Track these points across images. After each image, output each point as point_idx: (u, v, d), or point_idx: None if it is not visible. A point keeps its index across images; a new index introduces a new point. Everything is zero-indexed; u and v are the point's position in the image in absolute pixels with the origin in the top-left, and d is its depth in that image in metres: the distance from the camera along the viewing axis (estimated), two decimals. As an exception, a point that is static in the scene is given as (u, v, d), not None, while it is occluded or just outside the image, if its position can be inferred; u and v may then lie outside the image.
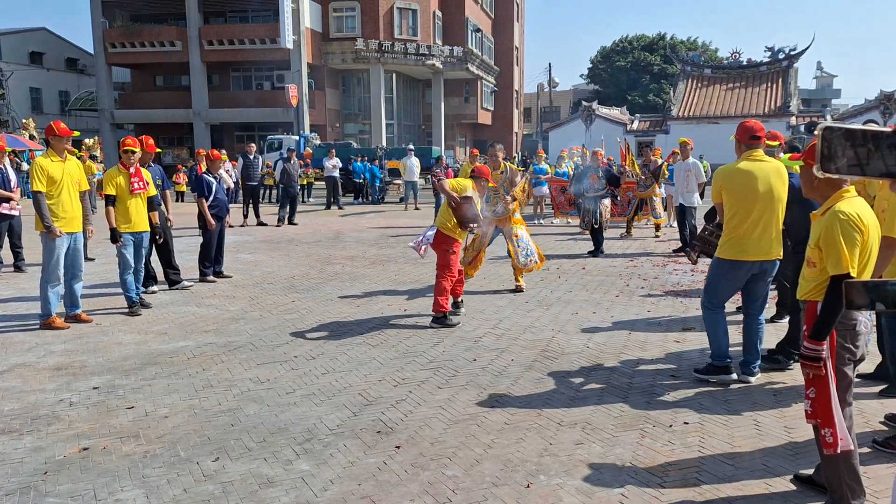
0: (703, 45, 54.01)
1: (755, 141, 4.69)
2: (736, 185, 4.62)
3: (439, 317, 6.55)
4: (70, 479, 3.49)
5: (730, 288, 4.86)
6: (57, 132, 6.53)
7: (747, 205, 4.58)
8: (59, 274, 6.49)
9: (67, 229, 6.53)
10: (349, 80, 42.98)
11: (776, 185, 4.62)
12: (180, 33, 38.89)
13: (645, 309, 7.23)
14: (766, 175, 4.60)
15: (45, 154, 6.61)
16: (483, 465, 3.62)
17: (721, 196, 4.70)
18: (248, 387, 4.86)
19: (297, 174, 16.34)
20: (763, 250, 4.63)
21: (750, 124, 4.75)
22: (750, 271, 4.70)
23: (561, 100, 63.84)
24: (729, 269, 4.73)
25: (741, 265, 4.67)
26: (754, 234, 4.60)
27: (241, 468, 3.59)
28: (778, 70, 35.65)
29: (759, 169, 4.61)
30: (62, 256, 6.51)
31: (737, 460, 3.66)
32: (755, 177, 4.58)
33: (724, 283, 4.81)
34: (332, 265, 10.23)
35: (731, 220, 4.65)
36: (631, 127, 35.89)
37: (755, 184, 4.57)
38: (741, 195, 4.60)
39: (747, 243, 4.61)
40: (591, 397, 4.62)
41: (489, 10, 52.31)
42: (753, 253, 4.62)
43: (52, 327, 6.42)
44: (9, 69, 41.39)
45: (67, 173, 6.56)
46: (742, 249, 4.63)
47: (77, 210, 6.68)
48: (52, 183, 6.43)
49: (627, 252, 11.41)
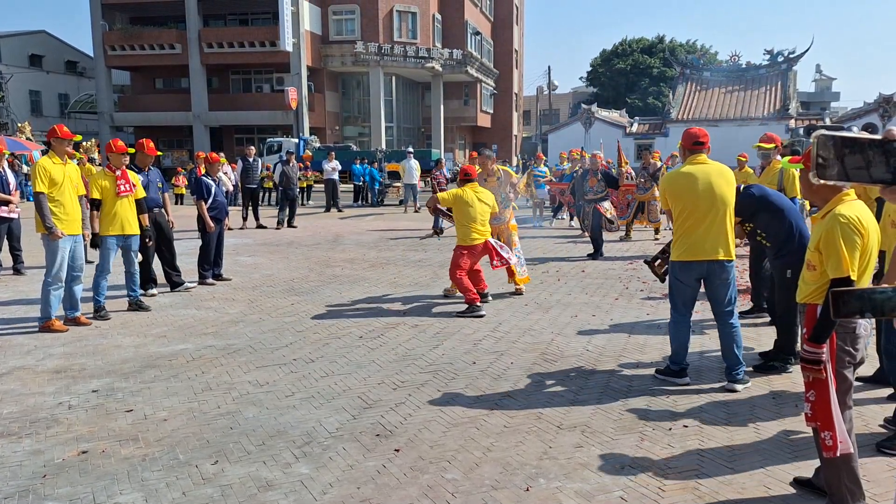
0: (702, 48, 54.07)
1: (698, 147, 4.83)
2: (679, 187, 4.76)
3: (468, 308, 7.07)
4: (69, 482, 3.48)
5: (684, 290, 4.87)
6: (59, 134, 6.55)
7: (689, 205, 4.70)
8: (61, 276, 6.50)
9: (69, 231, 6.54)
10: (349, 82, 43.01)
11: (718, 185, 4.70)
12: (180, 36, 38.92)
13: (644, 312, 7.23)
14: (707, 176, 4.71)
15: (48, 156, 6.62)
16: (482, 468, 3.61)
17: (668, 202, 4.85)
18: (247, 390, 4.86)
19: (296, 177, 16.36)
20: (708, 250, 4.70)
21: (693, 131, 4.92)
22: (699, 272, 4.77)
23: (560, 102, 63.95)
24: (679, 270, 4.84)
25: (689, 266, 4.77)
26: (698, 232, 4.69)
27: (240, 471, 3.59)
28: (777, 73, 35.69)
29: (700, 171, 4.73)
30: (66, 259, 6.52)
31: (736, 463, 3.66)
32: (696, 178, 4.70)
33: (677, 285, 4.89)
34: (332, 268, 10.23)
35: (677, 222, 4.81)
36: (630, 130, 35.92)
37: (696, 185, 4.69)
38: (683, 197, 4.73)
39: (693, 244, 4.71)
40: (590, 400, 4.62)
41: (489, 13, 52.37)
42: (700, 252, 4.70)
43: (52, 330, 6.41)
44: (8, 72, 41.46)
45: (68, 176, 6.58)
46: (688, 250, 4.74)
47: (77, 212, 6.69)
48: (53, 185, 6.44)
49: (627, 255, 11.42)
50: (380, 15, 40.09)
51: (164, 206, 8.31)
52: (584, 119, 36.35)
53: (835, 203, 3.11)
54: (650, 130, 35.92)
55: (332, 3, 40.35)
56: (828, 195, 3.15)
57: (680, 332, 4.92)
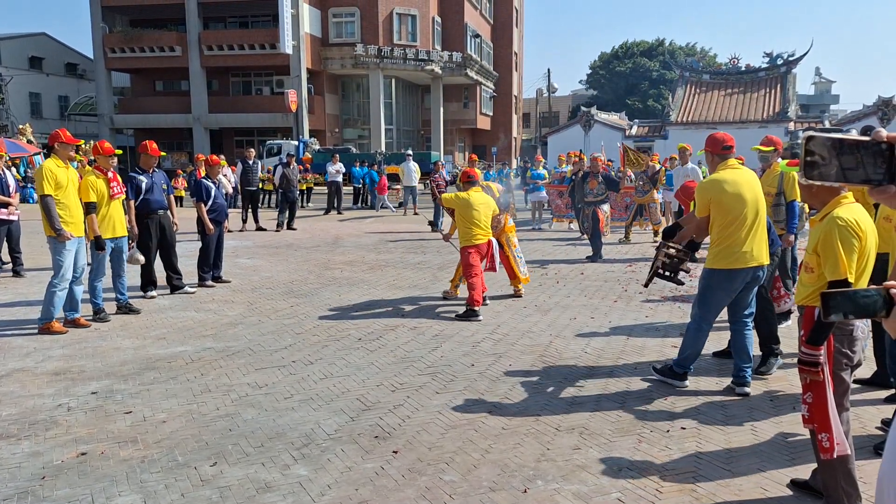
0: (701, 51, 54.21)
1: (727, 151, 4.73)
2: (726, 195, 4.60)
3: (467, 311, 7.05)
4: (68, 484, 3.49)
5: (724, 299, 4.81)
6: (63, 139, 6.61)
7: (736, 213, 4.59)
8: (68, 278, 6.53)
9: (74, 233, 6.57)
10: (348, 85, 43.05)
11: (758, 189, 4.71)
12: (180, 38, 38.95)
13: (643, 314, 7.24)
14: (750, 182, 4.69)
15: (52, 159, 6.65)
16: (480, 470, 3.62)
17: (709, 209, 4.65)
18: (245, 392, 4.86)
19: (296, 179, 16.37)
20: (756, 257, 4.67)
21: (720, 136, 4.79)
22: (745, 280, 4.72)
23: (560, 105, 63.97)
24: (724, 279, 4.70)
25: (737, 274, 4.66)
26: (748, 241, 4.63)
27: (238, 473, 3.60)
28: (776, 76, 35.72)
29: (739, 176, 4.67)
30: (72, 260, 6.54)
31: (734, 465, 3.67)
32: (738, 184, 4.62)
33: (718, 294, 4.77)
34: (331, 270, 10.24)
35: (724, 231, 4.63)
36: (630, 132, 35.92)
37: (743, 191, 4.60)
38: (732, 205, 4.59)
39: (743, 251, 4.62)
40: (588, 402, 4.63)
41: (488, 16, 52.43)
42: (748, 260, 4.65)
43: (51, 332, 6.42)
44: (8, 74, 41.46)
45: (71, 179, 6.63)
46: (738, 258, 4.63)
47: (81, 215, 6.72)
48: (59, 188, 6.48)
49: (626, 257, 11.43)
50: (379, 17, 40.15)
51: (170, 208, 8.32)
52: (584, 122, 36.36)
53: (833, 206, 3.13)
54: (650, 133, 35.94)
55: (332, 6, 40.41)
56: (826, 198, 3.16)
57: (699, 340, 4.88)
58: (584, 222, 11.88)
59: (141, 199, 7.83)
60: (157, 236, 8.04)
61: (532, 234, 14.71)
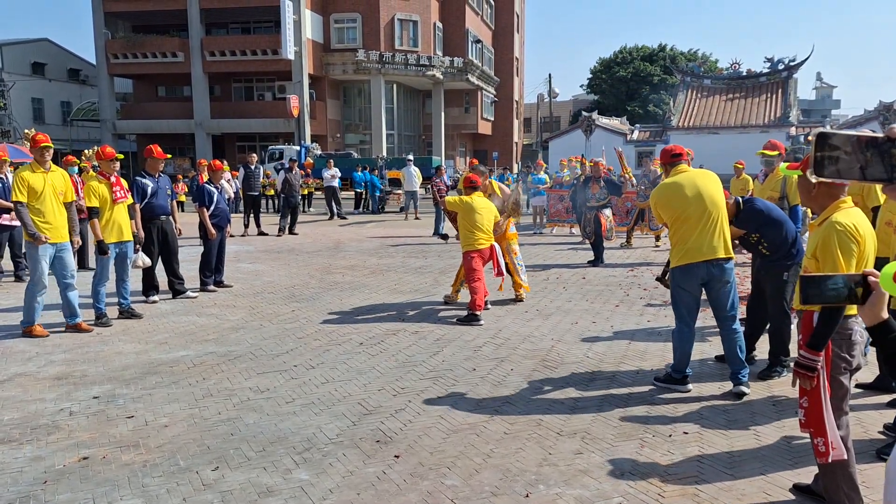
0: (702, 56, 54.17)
1: (676, 158, 4.99)
2: (666, 197, 4.85)
3: (469, 315, 7.05)
4: (70, 488, 3.49)
5: (686, 297, 4.90)
6: (36, 144, 6.58)
7: (680, 212, 4.76)
8: (44, 282, 6.52)
9: (53, 239, 6.54)
10: (350, 90, 43.15)
11: (705, 187, 4.78)
12: (182, 44, 39.09)
13: (645, 319, 7.23)
14: (692, 181, 4.81)
15: (28, 166, 6.62)
16: (482, 474, 3.62)
17: (660, 215, 4.92)
18: (247, 396, 4.87)
19: (298, 184, 16.40)
20: (706, 251, 4.74)
21: (668, 147, 5.12)
22: (700, 276, 4.79)
23: (561, 110, 64.01)
24: (680, 276, 4.87)
25: (689, 269, 4.79)
26: (693, 237, 4.74)
27: (240, 477, 3.60)
28: (777, 81, 35.74)
29: (684, 178, 4.85)
30: (46, 264, 6.53)
31: (736, 470, 3.66)
32: (681, 185, 4.80)
33: (680, 292, 4.91)
34: (333, 275, 10.25)
35: (672, 230, 4.88)
36: (631, 137, 35.95)
37: (682, 191, 4.78)
38: (672, 205, 4.80)
39: (690, 248, 4.75)
40: (590, 407, 4.62)
41: (489, 22, 52.55)
42: (697, 254, 4.74)
43: (33, 335, 6.44)
44: (11, 79, 41.61)
45: (49, 184, 6.54)
46: (686, 254, 4.77)
47: (61, 220, 6.66)
48: (33, 194, 6.43)
49: (627, 262, 11.43)
50: (381, 23, 40.24)
51: (173, 213, 8.34)
52: (585, 126, 36.36)
53: (831, 210, 3.13)
54: (651, 138, 35.94)
55: (334, 12, 40.52)
56: (825, 202, 3.16)
57: (684, 342, 4.92)
58: (587, 227, 11.87)
59: (145, 203, 7.85)
60: (159, 241, 8.05)
61: (534, 239, 14.71)
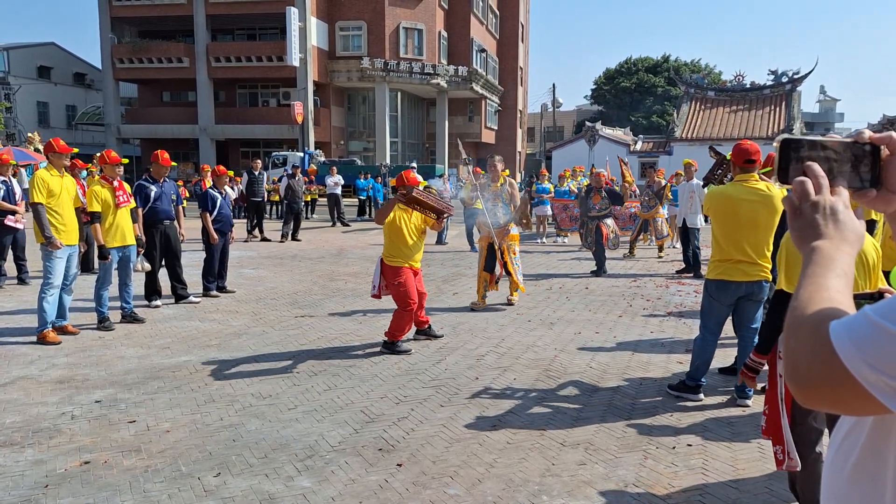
0: (706, 68, 54.34)
1: (750, 165, 4.73)
2: (722, 207, 4.71)
3: (389, 343, 6.22)
4: (71, 492, 3.48)
5: (718, 310, 4.90)
6: (56, 149, 6.62)
7: (729, 228, 4.67)
8: (57, 285, 6.53)
9: (66, 242, 6.58)
10: (354, 98, 43.26)
11: (758, 211, 4.64)
12: (188, 50, 39.23)
13: (648, 329, 7.22)
14: (751, 200, 4.64)
15: (46, 168, 6.68)
16: (485, 484, 3.60)
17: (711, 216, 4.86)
18: (249, 402, 4.85)
19: (301, 190, 16.42)
20: (748, 272, 4.70)
21: (745, 146, 4.77)
22: (736, 293, 4.78)
23: (564, 120, 64.10)
24: (715, 290, 4.85)
25: (728, 285, 4.76)
26: (737, 256, 4.68)
27: (242, 484, 3.58)
28: (781, 93, 35.81)
29: (746, 192, 4.67)
30: (62, 269, 6.54)
31: (740, 483, 3.64)
32: (740, 201, 4.65)
33: (712, 304, 4.91)
34: (335, 281, 10.24)
35: (719, 242, 4.77)
36: (634, 148, 36.01)
37: (737, 209, 4.64)
38: (723, 218, 4.71)
39: (731, 266, 4.71)
40: (593, 418, 4.60)
41: (494, 31, 52.71)
42: (736, 274, 4.71)
43: (47, 342, 6.42)
44: (17, 83, 41.78)
45: (65, 188, 6.65)
46: (726, 270, 4.73)
47: (74, 224, 6.74)
48: (51, 196, 6.50)
49: (630, 272, 11.41)
50: (386, 31, 40.38)
51: (177, 218, 8.37)
52: (589, 136, 36.43)
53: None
54: (654, 149, 35.99)
55: (339, 20, 40.66)
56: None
57: (706, 351, 4.95)
58: (588, 237, 11.87)
59: (148, 208, 7.88)
60: (162, 246, 8.07)
61: (536, 247, 14.70)
